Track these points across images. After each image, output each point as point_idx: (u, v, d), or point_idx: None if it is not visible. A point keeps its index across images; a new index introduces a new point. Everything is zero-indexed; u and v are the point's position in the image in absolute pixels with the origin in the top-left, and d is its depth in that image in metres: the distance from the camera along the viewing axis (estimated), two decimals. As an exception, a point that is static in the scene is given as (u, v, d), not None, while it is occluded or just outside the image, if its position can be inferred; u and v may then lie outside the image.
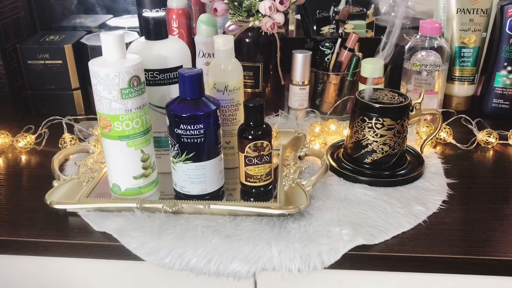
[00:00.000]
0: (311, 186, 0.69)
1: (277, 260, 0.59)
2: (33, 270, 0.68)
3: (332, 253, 0.59)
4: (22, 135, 0.87)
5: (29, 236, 0.64)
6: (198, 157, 0.66)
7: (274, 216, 0.65)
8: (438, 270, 0.61)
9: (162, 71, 0.69)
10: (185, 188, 0.68)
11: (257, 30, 0.88)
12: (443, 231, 0.64)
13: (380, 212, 0.67)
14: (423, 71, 0.90)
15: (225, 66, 0.72)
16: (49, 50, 0.96)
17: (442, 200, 0.70)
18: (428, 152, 0.83)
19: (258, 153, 0.67)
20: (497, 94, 0.95)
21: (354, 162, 0.77)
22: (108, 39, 0.62)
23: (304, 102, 0.96)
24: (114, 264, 0.66)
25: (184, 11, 0.96)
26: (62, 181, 0.72)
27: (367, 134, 0.74)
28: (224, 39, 0.71)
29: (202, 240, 0.62)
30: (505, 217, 0.66)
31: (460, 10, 0.94)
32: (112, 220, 0.65)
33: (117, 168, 0.67)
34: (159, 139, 0.74)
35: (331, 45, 0.93)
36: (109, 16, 1.15)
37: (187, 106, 0.64)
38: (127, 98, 0.63)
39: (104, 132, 0.65)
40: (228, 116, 0.74)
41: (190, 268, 0.60)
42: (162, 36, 0.70)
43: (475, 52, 0.96)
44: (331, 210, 0.67)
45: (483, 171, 0.79)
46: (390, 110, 0.72)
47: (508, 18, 0.90)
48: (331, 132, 0.89)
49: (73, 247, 0.63)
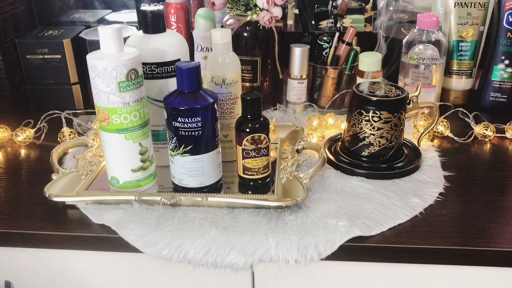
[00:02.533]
0: (308, 179, 0.69)
1: (274, 252, 0.59)
2: (32, 262, 0.69)
3: (329, 245, 0.60)
4: (21, 129, 0.87)
5: (28, 228, 0.64)
6: (196, 150, 0.66)
7: (272, 209, 0.66)
8: (434, 261, 0.61)
9: (160, 65, 0.70)
10: (183, 181, 0.68)
11: (255, 24, 0.88)
12: (439, 222, 0.64)
13: (376, 204, 0.67)
14: (421, 65, 0.90)
15: (223, 60, 0.72)
16: (48, 45, 0.97)
17: (439, 193, 0.70)
18: (426, 145, 0.83)
19: (255, 146, 0.68)
20: (495, 88, 0.96)
21: (351, 155, 0.77)
22: (106, 32, 0.62)
23: (302, 96, 0.96)
24: (112, 256, 0.66)
25: (183, 5, 0.96)
26: (61, 174, 0.73)
27: (364, 127, 0.74)
28: (222, 32, 0.71)
29: (200, 232, 0.62)
30: (501, 209, 0.67)
31: (458, 4, 0.94)
32: (110, 213, 0.66)
33: (116, 161, 0.68)
34: (157, 133, 0.74)
35: (329, 39, 0.94)
36: (108, 11, 1.15)
37: (185, 99, 0.64)
38: (125, 91, 0.63)
39: (103, 125, 0.66)
40: (226, 110, 0.74)
41: (188, 259, 0.60)
42: (160, 30, 0.70)
43: (473, 45, 0.96)
44: (328, 202, 0.67)
45: (480, 164, 0.80)
46: (387, 103, 0.72)
47: (505, 12, 0.90)
48: (329, 125, 0.89)
49: (71, 239, 0.64)
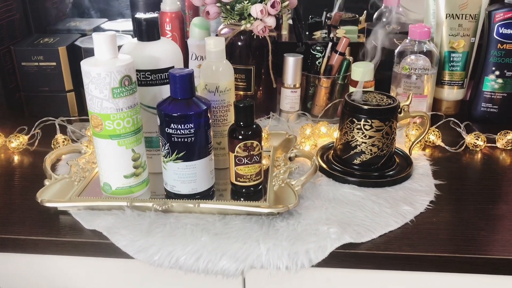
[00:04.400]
0: (300, 186, 0.70)
1: (265, 258, 0.60)
2: (22, 268, 0.69)
3: (320, 251, 0.60)
4: (15, 135, 0.88)
5: (19, 234, 0.64)
6: (189, 157, 0.66)
7: (263, 215, 0.66)
8: (425, 269, 0.61)
9: (154, 72, 0.70)
10: (175, 187, 0.69)
11: (249, 33, 0.89)
12: (430, 230, 0.64)
13: (368, 212, 0.67)
14: (413, 75, 0.91)
15: (216, 67, 0.73)
16: (43, 52, 0.97)
17: (430, 201, 0.70)
18: (417, 154, 0.84)
19: (248, 153, 0.68)
20: (486, 98, 0.97)
21: (343, 163, 0.77)
22: (100, 39, 0.63)
23: (295, 105, 0.97)
24: (104, 262, 0.66)
25: (178, 14, 0.97)
26: (53, 180, 0.73)
27: (356, 135, 0.75)
28: (215, 40, 0.72)
29: (191, 238, 0.62)
30: (491, 217, 0.67)
31: (449, 16, 0.95)
32: (102, 218, 0.66)
33: (108, 167, 0.68)
34: (151, 139, 0.75)
35: (322, 49, 0.95)
36: (103, 20, 1.16)
37: (178, 106, 0.65)
38: (119, 98, 0.64)
39: (96, 131, 0.66)
40: (219, 117, 0.74)
41: (179, 265, 0.60)
42: (154, 37, 0.71)
43: (464, 56, 0.97)
44: (319, 210, 0.67)
45: (470, 173, 0.80)
46: (379, 112, 0.73)
47: (496, 23, 0.92)
48: (321, 134, 0.90)
49: (63, 244, 0.64)
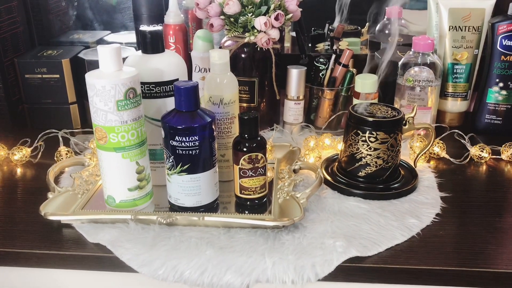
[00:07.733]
0: (305, 199, 0.69)
1: (271, 272, 0.59)
2: (25, 281, 0.68)
3: (326, 265, 0.59)
4: (18, 148, 0.87)
5: (22, 247, 0.64)
6: (193, 169, 0.66)
7: (268, 228, 0.66)
8: (432, 282, 0.61)
9: (158, 84, 0.70)
10: (179, 200, 0.68)
11: (253, 45, 0.89)
12: (436, 243, 0.64)
13: (373, 225, 0.67)
14: (416, 87, 0.91)
15: (221, 80, 0.72)
16: (47, 65, 0.97)
17: (436, 213, 0.70)
18: (422, 166, 0.83)
19: (252, 166, 0.68)
20: (490, 110, 0.96)
21: (348, 175, 0.77)
22: (105, 51, 0.63)
23: (299, 116, 0.97)
24: (107, 275, 0.65)
25: (181, 27, 0.98)
26: (57, 193, 0.72)
27: (361, 147, 0.74)
28: (220, 53, 0.72)
29: (196, 252, 0.62)
30: (498, 230, 0.67)
31: (452, 28, 0.95)
32: (106, 232, 0.65)
33: (112, 180, 0.68)
34: (155, 152, 0.74)
35: (326, 61, 0.95)
36: (106, 32, 1.16)
37: (183, 118, 0.65)
38: (123, 110, 0.64)
39: (100, 144, 0.66)
40: (223, 129, 0.74)
41: (184, 280, 0.59)
42: (159, 50, 0.71)
43: (468, 68, 0.97)
44: (325, 223, 0.67)
45: (476, 185, 0.80)
46: (383, 124, 0.73)
47: (499, 36, 0.92)
48: (325, 146, 0.90)
49: (66, 258, 0.63)
